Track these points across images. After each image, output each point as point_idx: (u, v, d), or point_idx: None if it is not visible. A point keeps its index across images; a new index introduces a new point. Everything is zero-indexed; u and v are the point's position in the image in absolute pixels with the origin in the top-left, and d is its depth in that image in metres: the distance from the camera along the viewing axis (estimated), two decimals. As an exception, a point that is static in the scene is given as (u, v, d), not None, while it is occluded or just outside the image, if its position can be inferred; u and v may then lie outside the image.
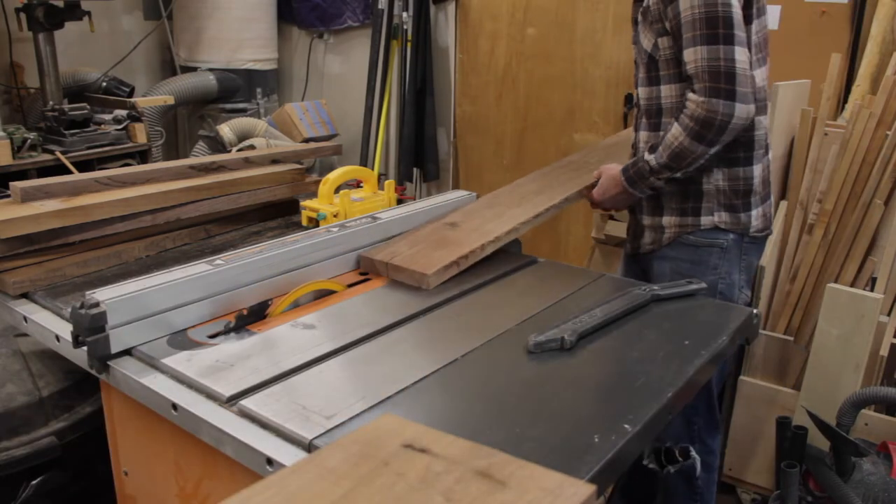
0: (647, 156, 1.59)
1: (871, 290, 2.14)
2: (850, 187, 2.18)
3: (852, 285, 2.16)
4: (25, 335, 1.43)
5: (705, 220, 1.64)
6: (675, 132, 1.53)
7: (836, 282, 2.16)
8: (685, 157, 1.52)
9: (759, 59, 1.58)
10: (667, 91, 1.61)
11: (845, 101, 2.52)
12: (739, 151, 1.60)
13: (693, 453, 1.38)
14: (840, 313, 2.04)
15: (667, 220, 1.68)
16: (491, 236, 1.53)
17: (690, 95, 1.50)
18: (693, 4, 1.45)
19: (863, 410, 1.94)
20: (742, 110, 1.45)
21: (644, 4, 1.61)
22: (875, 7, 2.48)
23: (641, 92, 1.69)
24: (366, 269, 1.49)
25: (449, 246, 1.49)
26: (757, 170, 1.63)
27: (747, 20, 1.50)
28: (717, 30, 1.44)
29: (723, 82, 1.44)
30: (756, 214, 1.65)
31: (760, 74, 1.58)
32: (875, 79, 2.42)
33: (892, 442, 1.92)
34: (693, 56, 1.47)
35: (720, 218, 1.63)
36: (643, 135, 1.69)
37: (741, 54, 1.44)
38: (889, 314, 2.10)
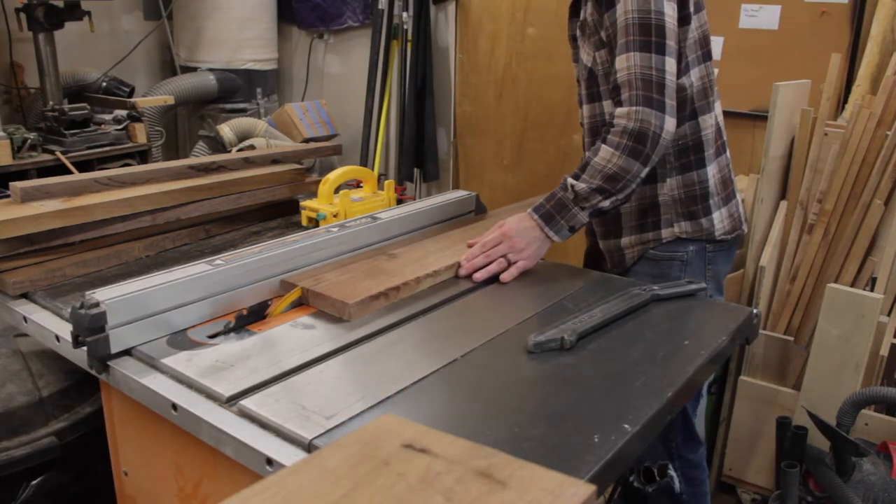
0: (570, 181, 1.43)
1: (871, 290, 2.14)
2: (850, 187, 2.18)
3: (852, 285, 2.16)
4: (25, 335, 1.43)
5: (666, 233, 1.58)
6: (604, 154, 1.40)
7: (836, 282, 2.16)
8: (620, 179, 1.39)
9: (702, 55, 1.52)
10: (609, 107, 1.53)
11: (845, 101, 2.52)
12: (690, 155, 1.55)
13: (670, 471, 1.40)
14: (840, 313, 2.04)
15: (626, 240, 1.62)
16: (429, 269, 1.41)
17: (619, 109, 1.39)
18: (627, 9, 1.38)
19: (863, 410, 1.94)
20: (671, 125, 1.37)
21: (581, 18, 1.55)
22: (875, 7, 2.48)
23: (585, 110, 1.64)
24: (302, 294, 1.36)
25: (381, 276, 1.38)
26: (711, 170, 1.57)
27: (684, 21, 1.45)
28: (650, 37, 1.37)
29: (654, 92, 1.36)
30: (719, 217, 1.59)
31: (703, 70, 1.53)
32: (875, 79, 2.42)
33: (892, 442, 1.92)
34: (625, 63, 1.38)
35: (681, 228, 1.57)
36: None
37: (672, 66, 1.38)
38: (889, 314, 2.10)
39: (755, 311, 1.35)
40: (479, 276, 1.43)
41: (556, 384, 1.06)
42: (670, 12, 1.38)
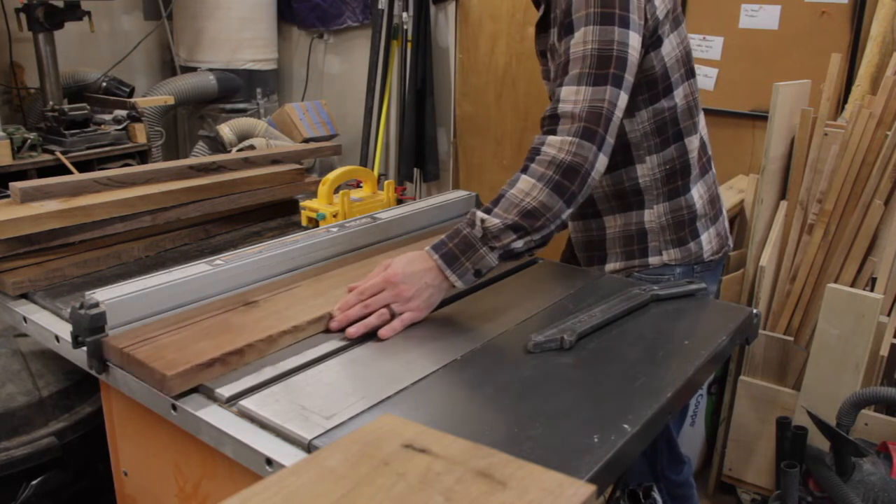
0: (480, 216, 1.22)
1: (871, 290, 2.14)
2: (850, 187, 2.18)
3: (852, 285, 2.16)
4: (25, 335, 1.43)
5: (653, 260, 1.51)
6: (523, 185, 1.21)
7: (836, 282, 2.16)
8: (538, 217, 1.20)
9: (684, 73, 1.44)
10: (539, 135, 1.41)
11: (845, 101, 2.52)
12: (677, 180, 1.48)
13: (654, 493, 1.39)
14: (840, 313, 2.04)
15: (611, 266, 1.56)
16: (288, 324, 1.16)
17: (551, 138, 1.23)
18: (587, 39, 1.25)
19: (863, 410, 1.94)
20: (602, 165, 1.24)
21: (550, 41, 1.45)
22: (875, 7, 2.48)
23: None
24: (109, 357, 1.12)
25: (226, 334, 1.13)
26: (697, 193, 1.50)
27: (656, 45, 1.37)
28: (608, 70, 1.24)
29: (601, 127, 1.22)
30: (707, 238, 1.53)
31: (686, 89, 1.45)
32: (875, 79, 2.42)
33: (892, 442, 1.92)
34: (574, 96, 1.24)
35: (669, 256, 1.51)
36: None
37: (624, 102, 1.26)
38: (889, 314, 2.10)
39: (755, 311, 1.35)
40: (352, 331, 1.18)
41: (556, 384, 1.06)
42: (635, 44, 1.27)
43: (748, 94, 2.83)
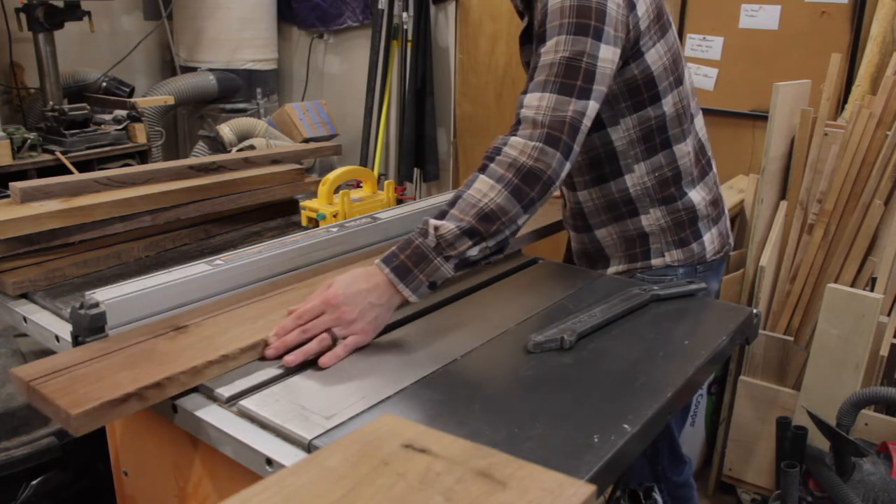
0: (433, 223, 1.15)
1: (871, 290, 2.14)
2: (850, 187, 2.18)
3: (852, 285, 2.16)
4: (25, 335, 1.43)
5: (656, 262, 1.51)
6: (481, 185, 1.16)
7: (836, 282, 2.16)
8: (494, 220, 1.15)
9: (673, 80, 1.41)
10: (501, 136, 1.37)
11: (845, 101, 2.52)
12: (670, 187, 1.47)
13: (655, 494, 1.39)
14: (840, 313, 2.04)
15: (613, 269, 1.55)
16: (216, 353, 1.06)
17: (514, 139, 1.18)
18: (559, 49, 1.22)
19: (863, 410, 1.94)
20: (564, 172, 1.19)
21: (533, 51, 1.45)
22: (875, 7, 2.48)
23: None
24: (17, 390, 1.04)
25: (147, 364, 1.03)
26: (698, 195, 1.49)
27: (637, 55, 1.34)
28: (575, 81, 1.21)
29: (565, 134, 1.17)
30: (709, 239, 1.52)
31: (676, 97, 1.42)
32: (875, 79, 2.42)
33: (892, 442, 1.92)
34: (537, 102, 1.20)
35: (672, 257, 1.50)
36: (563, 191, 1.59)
37: (593, 111, 1.22)
38: (889, 314, 2.10)
39: (755, 311, 1.35)
40: (289, 359, 1.09)
41: (556, 384, 1.06)
42: (608, 56, 1.24)
43: (748, 94, 2.83)
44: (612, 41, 1.26)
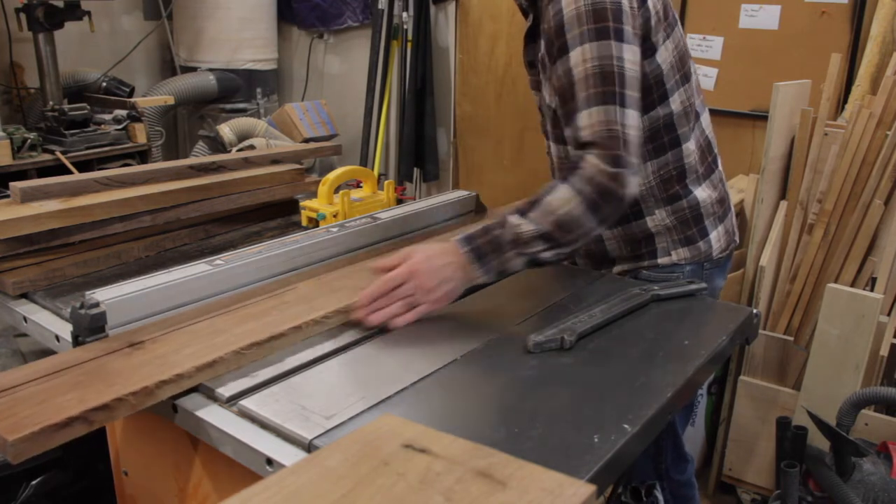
0: (513, 219, 1.22)
1: (871, 290, 2.14)
2: (850, 187, 2.18)
3: (852, 285, 2.16)
4: (25, 335, 1.43)
5: (663, 260, 1.50)
6: (564, 194, 1.21)
7: (836, 282, 2.16)
8: (571, 230, 1.21)
9: (680, 78, 1.41)
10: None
11: (845, 101, 2.52)
12: (674, 185, 1.46)
13: (657, 491, 1.39)
14: (840, 313, 2.04)
15: (619, 268, 1.55)
16: (169, 373, 1.00)
17: (589, 157, 1.22)
18: (586, 58, 1.23)
19: (863, 410, 1.94)
20: (635, 185, 1.23)
21: (539, 52, 1.42)
22: (875, 7, 2.48)
23: (553, 149, 1.55)
24: None
25: (101, 383, 0.97)
26: (704, 192, 1.49)
27: (649, 52, 1.34)
28: (612, 87, 1.22)
29: (622, 150, 1.21)
30: (716, 236, 1.51)
31: (682, 94, 1.42)
32: (875, 79, 2.43)
33: (892, 442, 1.92)
34: (587, 120, 1.23)
35: (679, 255, 1.49)
36: None
37: (636, 119, 1.24)
38: (889, 314, 2.10)
39: (755, 311, 1.35)
40: (373, 318, 1.20)
41: (556, 384, 1.06)
42: (631, 57, 1.24)
43: (748, 94, 2.83)
44: (632, 40, 1.26)
